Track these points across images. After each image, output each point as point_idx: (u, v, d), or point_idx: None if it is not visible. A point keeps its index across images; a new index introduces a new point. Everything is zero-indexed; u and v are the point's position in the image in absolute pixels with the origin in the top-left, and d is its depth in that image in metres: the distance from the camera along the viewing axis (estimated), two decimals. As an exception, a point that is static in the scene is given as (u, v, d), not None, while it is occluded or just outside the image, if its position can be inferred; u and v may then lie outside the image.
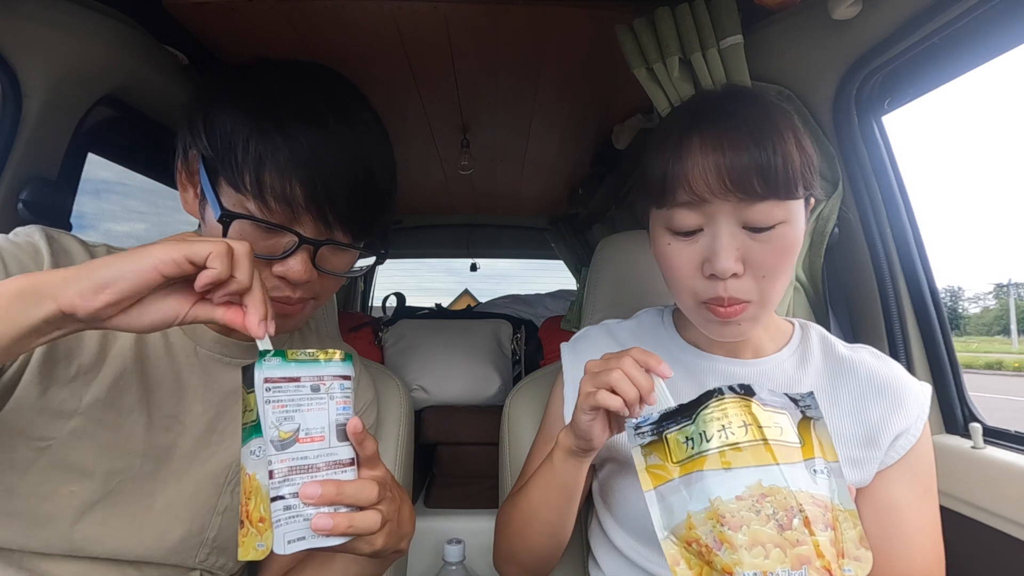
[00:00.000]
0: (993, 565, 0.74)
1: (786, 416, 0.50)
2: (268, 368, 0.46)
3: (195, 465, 0.64)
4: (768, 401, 0.50)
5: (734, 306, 0.61)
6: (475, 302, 2.95)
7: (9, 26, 0.84)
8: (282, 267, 0.59)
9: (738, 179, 0.57)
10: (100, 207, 1.64)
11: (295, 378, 0.47)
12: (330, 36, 1.10)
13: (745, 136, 0.58)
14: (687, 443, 0.50)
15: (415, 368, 1.70)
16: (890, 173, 0.91)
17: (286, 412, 0.46)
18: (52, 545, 0.57)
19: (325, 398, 0.48)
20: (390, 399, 0.95)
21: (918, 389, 0.67)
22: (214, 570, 0.67)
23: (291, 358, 0.47)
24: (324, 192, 0.57)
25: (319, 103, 0.59)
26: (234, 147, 0.56)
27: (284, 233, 0.58)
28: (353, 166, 0.59)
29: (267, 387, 0.46)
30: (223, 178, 0.57)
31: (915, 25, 0.76)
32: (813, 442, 0.49)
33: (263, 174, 0.55)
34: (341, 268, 0.65)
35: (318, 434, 0.47)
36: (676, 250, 0.64)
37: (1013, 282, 76.01)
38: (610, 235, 1.05)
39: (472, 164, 1.73)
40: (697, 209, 0.61)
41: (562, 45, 1.13)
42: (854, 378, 0.68)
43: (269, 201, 0.56)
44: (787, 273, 0.62)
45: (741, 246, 0.60)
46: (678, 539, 0.49)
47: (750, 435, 0.47)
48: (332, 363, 0.49)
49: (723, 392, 0.49)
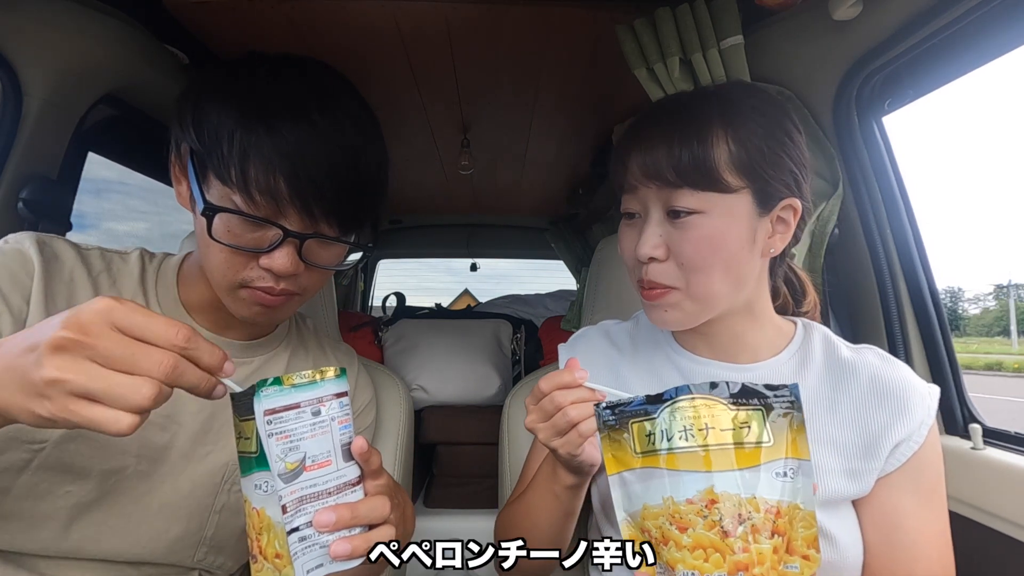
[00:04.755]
0: (993, 566, 0.74)
1: (760, 412, 0.49)
2: (267, 399, 0.44)
3: (191, 464, 0.64)
4: (741, 397, 0.50)
5: (655, 290, 0.64)
6: (475, 302, 2.95)
7: (9, 26, 0.84)
8: (268, 260, 0.59)
9: (652, 168, 0.62)
10: (101, 206, 1.64)
11: (295, 405, 0.45)
12: (331, 35, 1.10)
13: (663, 133, 0.62)
14: (648, 437, 0.50)
15: (415, 368, 1.70)
16: (890, 174, 0.91)
17: (290, 443, 0.45)
18: (48, 547, 0.57)
19: (327, 420, 0.47)
20: (390, 399, 0.95)
21: (925, 392, 0.64)
22: (212, 569, 0.67)
23: (288, 383, 0.45)
24: (308, 185, 0.57)
25: (304, 96, 0.59)
26: (220, 140, 0.56)
27: (269, 226, 0.58)
28: (338, 159, 0.59)
29: (268, 420, 0.44)
30: (211, 172, 0.57)
31: (916, 26, 0.76)
32: (785, 440, 0.49)
33: (247, 167, 0.55)
34: (329, 261, 0.64)
35: (324, 459, 0.46)
36: (624, 233, 0.69)
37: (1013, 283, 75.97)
38: (610, 235, 1.05)
39: (472, 164, 1.73)
40: (634, 195, 0.66)
41: (562, 45, 1.13)
42: (856, 383, 0.65)
43: (254, 194, 0.56)
44: (715, 270, 0.62)
45: (664, 233, 0.63)
46: (634, 523, 0.52)
47: (712, 438, 0.47)
48: (328, 382, 0.47)
49: (690, 390, 0.49)
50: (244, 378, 0.70)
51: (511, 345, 1.86)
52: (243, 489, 0.48)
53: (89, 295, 0.61)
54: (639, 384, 0.73)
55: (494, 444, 0.97)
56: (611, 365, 0.76)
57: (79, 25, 0.89)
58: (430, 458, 1.68)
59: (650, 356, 0.75)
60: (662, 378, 0.72)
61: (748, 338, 0.70)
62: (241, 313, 0.64)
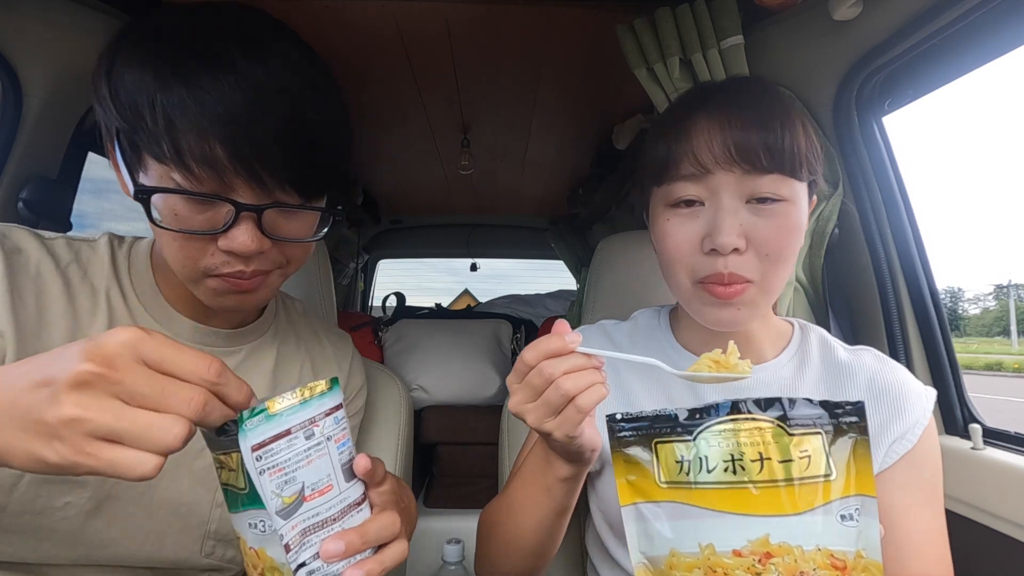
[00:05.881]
0: (993, 566, 0.74)
1: (820, 438, 0.40)
2: (253, 432, 0.39)
3: (186, 459, 0.63)
4: (800, 418, 0.41)
5: (735, 285, 0.57)
6: (475, 302, 2.95)
7: (9, 26, 0.84)
8: (226, 241, 0.52)
9: (744, 151, 0.55)
10: (101, 206, 1.64)
11: (285, 432, 0.40)
12: (331, 36, 1.10)
13: (751, 116, 0.56)
14: (681, 464, 0.41)
15: (415, 368, 1.70)
16: (890, 174, 0.90)
17: (285, 475, 0.40)
18: (57, 556, 0.56)
19: (322, 441, 0.42)
20: (390, 399, 0.95)
21: (921, 392, 0.64)
22: (223, 563, 0.66)
23: (275, 410, 0.40)
24: (249, 148, 0.49)
25: (223, 42, 0.50)
26: (141, 111, 0.48)
27: (219, 203, 0.51)
28: (278, 113, 0.50)
29: (257, 456, 0.39)
30: (143, 151, 0.50)
31: (916, 26, 0.76)
32: (850, 472, 0.40)
33: (176, 136, 0.48)
34: (300, 232, 0.57)
35: (324, 485, 0.42)
36: (675, 225, 0.60)
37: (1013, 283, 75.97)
38: (610, 235, 1.05)
39: (472, 164, 1.73)
40: (700, 182, 0.58)
41: (562, 45, 1.13)
42: (853, 385, 0.64)
43: (192, 167, 0.48)
44: (791, 258, 0.59)
45: (744, 222, 0.57)
46: (656, 571, 0.42)
47: (766, 473, 0.39)
48: (318, 398, 0.42)
49: (741, 409, 0.41)
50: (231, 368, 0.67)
51: (511, 345, 1.86)
52: (234, 525, 0.43)
53: (59, 289, 0.57)
54: (640, 388, 0.69)
55: (494, 444, 0.97)
56: (611, 365, 0.73)
57: (80, 25, 0.89)
58: (430, 458, 1.68)
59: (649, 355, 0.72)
60: (664, 382, 0.68)
61: (757, 339, 0.68)
62: (217, 304, 0.58)
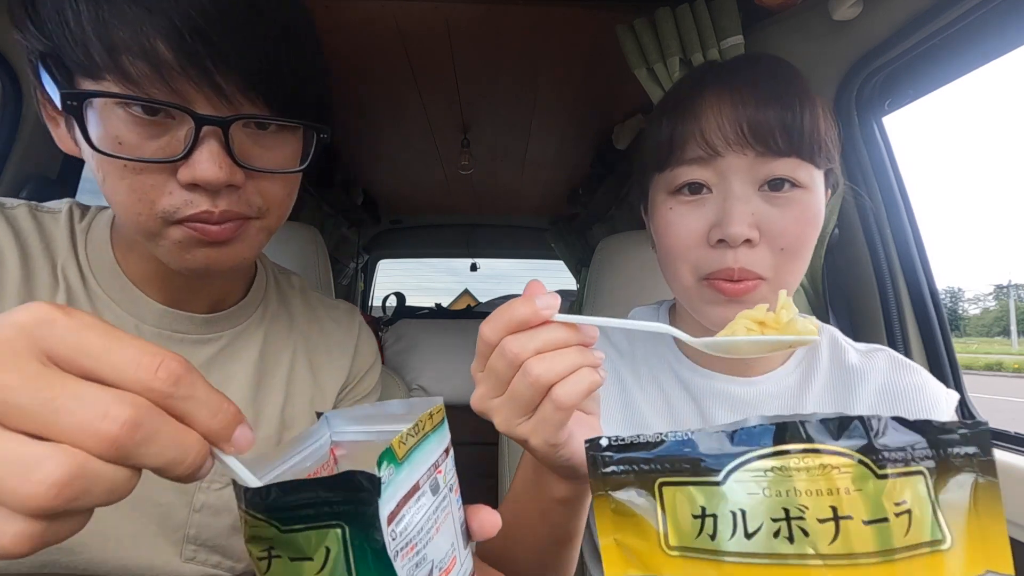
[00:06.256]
0: (992, 566, 0.74)
1: (922, 480, 0.26)
2: (390, 492, 0.25)
3: None
4: (891, 451, 0.26)
5: (745, 281, 0.50)
6: (475, 302, 2.95)
7: (10, 26, 0.84)
8: (188, 169, 0.42)
9: (758, 131, 0.49)
10: (100, 206, 1.63)
11: (415, 488, 0.28)
12: (331, 36, 1.10)
13: (767, 92, 0.50)
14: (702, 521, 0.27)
15: (415, 368, 1.70)
16: (890, 174, 0.91)
17: (417, 554, 0.27)
18: (19, 564, 0.49)
19: (447, 495, 0.31)
20: (390, 399, 0.95)
21: (941, 395, 0.56)
22: (208, 568, 0.60)
23: (402, 454, 0.27)
24: (198, 39, 0.40)
25: None
26: (65, 17, 0.40)
27: (173, 118, 0.42)
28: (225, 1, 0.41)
29: (392, 532, 0.25)
30: (72, 71, 0.41)
31: (916, 26, 0.76)
32: (972, 535, 0.26)
33: (107, 35, 0.39)
34: (279, 162, 0.47)
35: (449, 558, 0.30)
36: (678, 214, 0.53)
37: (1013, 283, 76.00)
38: (610, 235, 1.05)
39: (472, 164, 1.73)
40: (707, 165, 0.51)
41: (562, 45, 1.13)
42: (864, 392, 0.57)
43: (129, 68, 0.39)
44: (808, 254, 0.52)
45: (757, 210, 0.50)
46: None
47: (842, 542, 0.24)
48: (439, 431, 0.32)
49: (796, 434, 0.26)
50: (204, 362, 0.56)
51: (511, 345, 1.87)
52: None
53: (16, 264, 0.48)
54: (641, 394, 0.63)
55: (494, 444, 0.97)
56: (611, 365, 0.67)
57: (79, 25, 0.89)
58: (430, 458, 1.69)
59: (651, 362, 0.66)
60: (664, 389, 0.63)
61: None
62: (184, 264, 0.47)
